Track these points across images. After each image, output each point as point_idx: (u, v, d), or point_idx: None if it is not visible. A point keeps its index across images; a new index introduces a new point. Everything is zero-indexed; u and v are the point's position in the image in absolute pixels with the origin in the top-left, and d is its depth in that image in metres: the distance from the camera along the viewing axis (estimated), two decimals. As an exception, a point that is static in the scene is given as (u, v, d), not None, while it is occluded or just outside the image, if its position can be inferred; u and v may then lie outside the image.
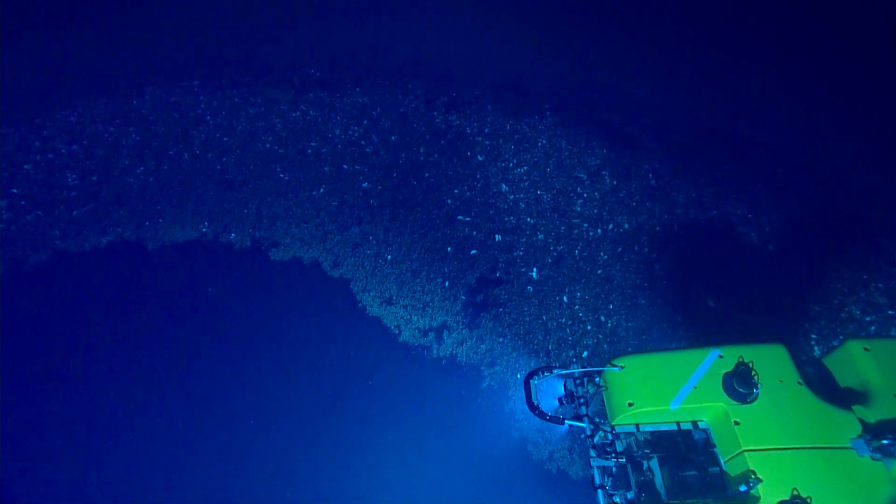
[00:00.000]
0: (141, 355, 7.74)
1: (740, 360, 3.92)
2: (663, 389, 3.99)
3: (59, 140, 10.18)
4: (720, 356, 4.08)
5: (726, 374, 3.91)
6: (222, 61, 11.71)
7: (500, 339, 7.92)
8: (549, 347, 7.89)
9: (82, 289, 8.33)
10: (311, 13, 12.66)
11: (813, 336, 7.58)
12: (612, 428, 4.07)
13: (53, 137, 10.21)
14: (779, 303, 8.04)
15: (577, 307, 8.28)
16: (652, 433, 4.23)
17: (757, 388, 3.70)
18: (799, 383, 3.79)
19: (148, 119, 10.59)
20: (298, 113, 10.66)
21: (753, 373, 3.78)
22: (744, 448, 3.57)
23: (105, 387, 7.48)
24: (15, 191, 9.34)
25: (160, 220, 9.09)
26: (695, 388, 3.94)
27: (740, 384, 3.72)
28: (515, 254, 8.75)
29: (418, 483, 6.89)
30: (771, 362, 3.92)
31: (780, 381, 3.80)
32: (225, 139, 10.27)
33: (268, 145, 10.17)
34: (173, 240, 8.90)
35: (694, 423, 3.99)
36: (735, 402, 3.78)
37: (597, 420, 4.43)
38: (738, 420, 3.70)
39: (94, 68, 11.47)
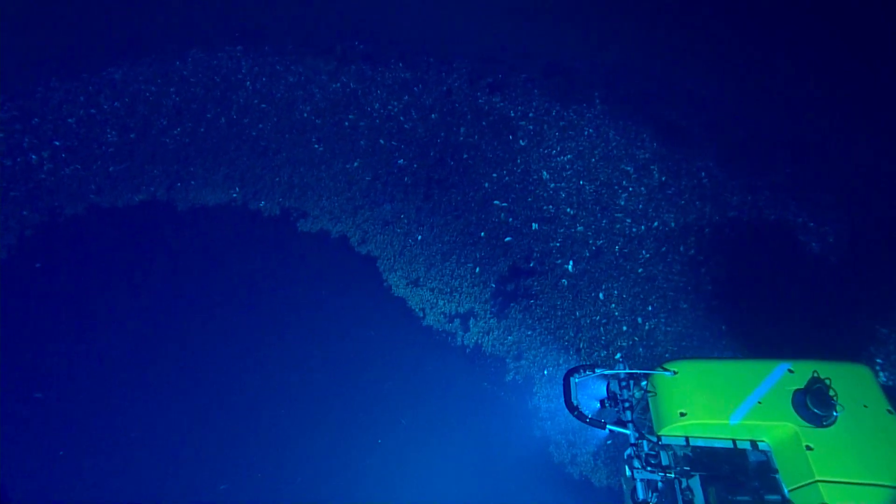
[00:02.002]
0: (158, 317, 7.66)
1: (815, 376, 3.41)
2: (722, 401, 3.51)
3: (103, 96, 10.21)
4: (790, 370, 3.57)
5: (798, 391, 3.41)
6: (267, 28, 11.54)
7: (529, 333, 7.50)
8: (581, 345, 7.44)
9: (111, 245, 8.31)
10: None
11: (878, 361, 6.88)
12: (659, 438, 3.64)
13: (98, 93, 10.25)
14: (840, 321, 7.34)
15: (613, 306, 7.78)
16: (693, 448, 3.78)
17: (836, 411, 3.20)
18: (889, 411, 3.26)
19: (189, 81, 10.52)
20: (339, 84, 10.40)
21: (832, 392, 3.27)
22: (818, 478, 3.08)
23: (120, 346, 7.43)
24: (57, 143, 9.41)
25: (192, 183, 9.00)
26: (759, 403, 3.45)
27: (816, 404, 3.22)
28: (552, 244, 8.29)
29: (429, 475, 6.59)
30: (852, 383, 3.39)
31: (865, 406, 3.28)
32: (263, 106, 10.11)
33: (305, 115, 9.95)
34: (203, 202, 8.80)
35: (753, 443, 3.51)
36: (808, 424, 3.28)
37: (637, 421, 3.99)
38: (810, 445, 3.21)
39: (141, 27, 11.49)
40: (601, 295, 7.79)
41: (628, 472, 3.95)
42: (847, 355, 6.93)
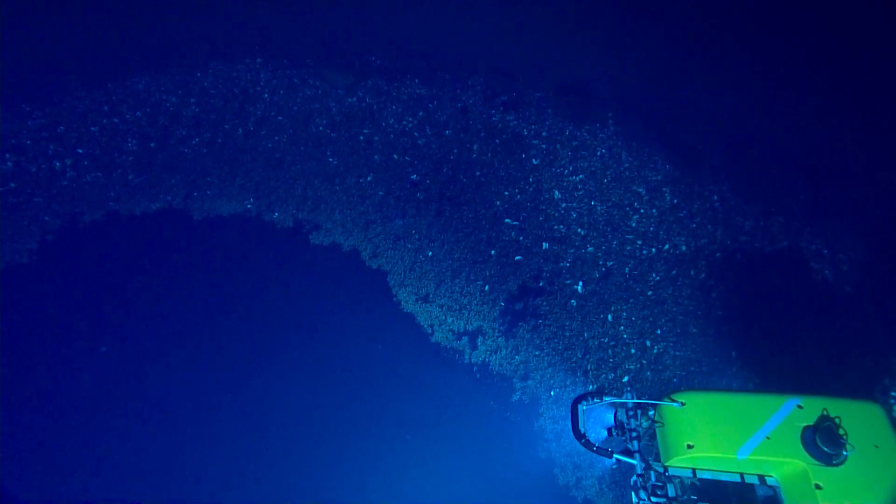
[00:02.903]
0: (169, 325, 7.77)
1: (825, 413, 3.39)
2: (730, 435, 3.50)
3: (126, 106, 10.45)
4: (799, 406, 3.55)
5: (807, 427, 3.39)
6: (287, 40, 11.77)
7: (537, 353, 7.50)
8: (588, 367, 7.42)
9: (127, 252, 8.46)
10: (378, 3, 12.58)
11: (893, 394, 6.77)
12: (665, 469, 3.63)
13: (121, 103, 10.50)
14: (853, 351, 7.25)
15: (621, 328, 7.76)
16: (700, 479, 3.75)
17: (846, 450, 3.18)
18: (900, 452, 3.24)
19: (209, 92, 10.74)
20: (355, 99, 10.56)
21: (841, 431, 3.24)
22: (827, 518, 3.06)
23: (134, 352, 7.54)
24: (80, 151, 9.63)
25: (208, 192, 9.16)
26: (767, 438, 3.43)
27: (826, 442, 3.20)
28: (562, 264, 8.30)
29: (433, 492, 6.57)
30: (863, 422, 3.37)
31: (876, 447, 3.25)
32: (279, 118, 10.29)
33: (320, 128, 10.11)
34: (218, 212, 8.94)
35: (761, 478, 3.49)
36: (817, 462, 3.26)
37: (644, 451, 3.98)
38: (820, 484, 3.18)
39: (165, 38, 11.76)
40: (610, 317, 7.77)
41: (635, 500, 3.93)
42: (860, 388, 6.84)
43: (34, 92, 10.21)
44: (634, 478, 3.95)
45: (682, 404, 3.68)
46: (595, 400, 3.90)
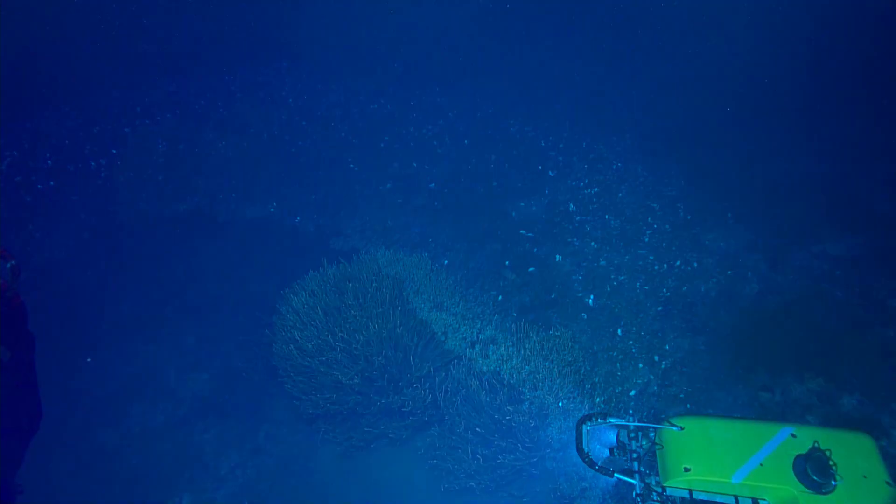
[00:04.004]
0: (192, 328, 8.13)
1: (815, 444, 3.56)
2: (725, 460, 3.69)
3: (157, 108, 10.89)
4: (793, 435, 3.73)
5: (799, 456, 3.56)
6: (312, 47, 12.10)
7: (547, 364, 7.70)
8: (596, 380, 7.60)
9: (155, 251, 8.86)
10: (402, 12, 12.83)
11: (898, 420, 6.84)
12: (664, 489, 3.84)
13: (153, 105, 10.95)
14: (862, 374, 7.31)
15: (630, 342, 7.93)
16: (697, 500, 3.95)
17: (835, 480, 3.36)
18: (888, 483, 3.40)
19: (235, 96, 11.13)
20: (376, 105, 10.84)
21: (831, 462, 3.42)
22: (813, 544, 3.25)
23: (154, 350, 7.93)
24: (114, 151, 10.09)
25: (233, 195, 9.53)
26: (761, 465, 3.62)
27: (816, 472, 3.38)
28: (574, 277, 8.49)
29: (439, 498, 6.84)
30: (854, 453, 3.53)
31: (864, 477, 3.42)
32: (303, 123, 10.62)
33: (343, 134, 10.41)
34: (242, 216, 9.30)
35: (755, 501, 3.68)
36: (807, 490, 3.45)
37: (644, 471, 4.19)
38: (809, 511, 3.38)
39: (195, 43, 12.18)
40: (619, 331, 7.94)
41: (634, 515, 4.15)
42: (866, 412, 6.92)
43: (74, 93, 10.69)
44: (634, 495, 4.17)
45: (681, 429, 3.88)
46: (599, 421, 4.13)
